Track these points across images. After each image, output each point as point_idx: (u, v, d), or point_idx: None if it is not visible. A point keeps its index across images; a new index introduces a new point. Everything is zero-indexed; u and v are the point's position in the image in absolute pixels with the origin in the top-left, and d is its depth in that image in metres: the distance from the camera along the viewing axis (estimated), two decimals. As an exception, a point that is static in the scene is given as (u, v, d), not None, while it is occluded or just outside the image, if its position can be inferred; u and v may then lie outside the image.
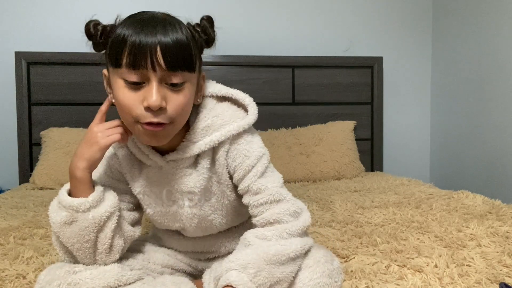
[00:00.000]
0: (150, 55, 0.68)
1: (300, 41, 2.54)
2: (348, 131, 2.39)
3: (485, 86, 2.21)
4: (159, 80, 0.70)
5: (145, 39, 0.68)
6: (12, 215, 1.46)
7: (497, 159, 2.13)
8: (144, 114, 0.70)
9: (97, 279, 0.73)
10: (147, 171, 0.83)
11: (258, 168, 0.80)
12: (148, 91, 0.70)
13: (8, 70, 2.27)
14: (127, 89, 0.71)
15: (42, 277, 0.75)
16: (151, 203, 0.86)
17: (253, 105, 0.83)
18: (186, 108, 0.74)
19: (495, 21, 2.13)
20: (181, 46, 0.70)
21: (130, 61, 0.68)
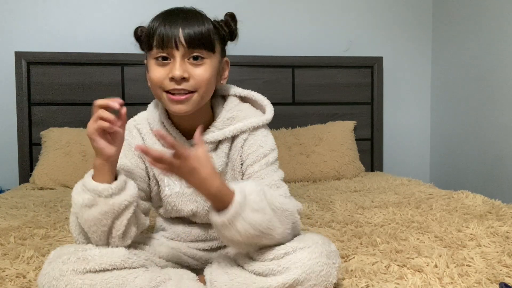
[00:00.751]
0: (173, 36, 0.83)
1: (300, 41, 2.54)
2: (348, 131, 2.39)
3: (485, 86, 2.21)
4: (181, 56, 0.84)
5: (170, 23, 0.84)
6: (12, 215, 1.46)
7: (497, 159, 2.13)
8: (169, 84, 0.84)
9: (105, 257, 0.77)
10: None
11: (269, 159, 0.92)
12: (172, 65, 0.84)
13: (8, 70, 2.27)
14: (157, 65, 0.85)
15: (52, 254, 0.79)
16: (170, 184, 0.93)
17: (270, 106, 0.97)
18: (207, 80, 0.86)
19: (495, 21, 2.13)
20: (200, 28, 0.85)
21: (158, 42, 0.84)
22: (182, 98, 0.84)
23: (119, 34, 2.39)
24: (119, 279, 0.76)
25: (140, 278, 0.78)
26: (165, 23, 0.85)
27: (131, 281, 0.77)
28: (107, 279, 0.75)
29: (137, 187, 0.87)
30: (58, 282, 0.74)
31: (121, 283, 0.76)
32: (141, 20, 2.72)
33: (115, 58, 2.30)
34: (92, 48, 2.34)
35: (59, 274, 0.75)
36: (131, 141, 0.94)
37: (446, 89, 2.56)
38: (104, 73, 2.30)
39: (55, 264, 0.76)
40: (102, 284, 0.75)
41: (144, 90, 2.33)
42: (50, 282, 0.75)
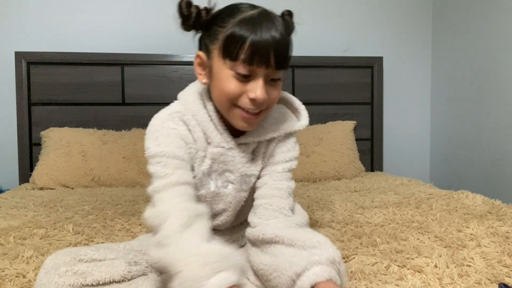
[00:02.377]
0: (265, 56, 0.77)
1: (300, 41, 2.53)
2: (348, 131, 2.39)
3: (485, 86, 2.21)
4: (264, 76, 0.80)
5: (263, 40, 0.77)
6: (12, 215, 1.46)
7: (497, 159, 2.13)
8: (247, 102, 0.80)
9: (103, 272, 0.75)
10: (214, 150, 0.87)
11: (291, 165, 0.95)
12: (254, 85, 0.79)
13: (8, 70, 2.27)
14: (236, 80, 0.79)
15: (48, 262, 0.76)
16: (205, 184, 0.89)
17: (305, 111, 0.96)
18: (276, 100, 0.86)
19: (495, 22, 2.13)
20: (286, 48, 0.81)
21: (247, 58, 0.77)
22: (255, 119, 0.83)
23: (119, 34, 2.39)
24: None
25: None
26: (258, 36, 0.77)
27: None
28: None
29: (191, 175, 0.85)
30: None
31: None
32: (141, 20, 2.71)
33: (115, 58, 2.30)
34: (92, 48, 2.35)
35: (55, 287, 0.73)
36: (180, 130, 0.85)
37: (446, 89, 2.56)
38: (104, 73, 2.30)
39: (50, 277, 0.74)
40: None
41: (144, 90, 2.34)
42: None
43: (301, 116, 0.95)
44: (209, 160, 0.87)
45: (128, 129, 2.28)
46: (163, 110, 0.91)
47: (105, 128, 2.27)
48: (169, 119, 0.86)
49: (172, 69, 2.34)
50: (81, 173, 2.04)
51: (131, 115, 2.32)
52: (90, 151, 2.09)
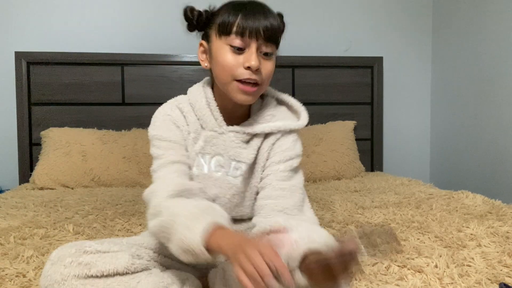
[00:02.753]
0: (255, 28, 0.86)
1: (300, 41, 2.54)
2: (348, 131, 2.39)
3: (485, 86, 2.21)
4: (256, 48, 0.87)
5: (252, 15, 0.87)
6: (12, 215, 1.46)
7: (497, 159, 2.13)
8: (244, 73, 0.87)
9: (108, 263, 0.78)
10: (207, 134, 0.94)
11: (293, 163, 0.97)
12: (248, 55, 0.87)
13: (8, 70, 2.27)
14: (231, 53, 0.87)
15: (54, 254, 0.79)
16: (199, 165, 0.94)
17: (305, 112, 0.99)
18: (271, 74, 0.91)
19: (495, 21, 2.13)
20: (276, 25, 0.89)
21: (239, 30, 0.86)
22: (253, 90, 0.88)
23: (119, 34, 2.39)
24: (122, 284, 0.77)
25: (143, 283, 0.78)
26: (247, 13, 0.87)
27: (133, 286, 0.77)
28: (109, 284, 0.76)
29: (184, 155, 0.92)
30: (60, 286, 0.75)
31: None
32: (141, 20, 2.71)
33: (115, 58, 2.30)
34: (92, 48, 2.34)
35: (61, 278, 0.75)
36: (175, 118, 0.95)
37: (446, 89, 2.56)
38: (104, 73, 2.30)
39: (56, 268, 0.76)
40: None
41: (144, 90, 2.34)
42: (52, 285, 0.76)
43: (301, 116, 0.98)
44: (202, 142, 0.94)
45: (128, 129, 2.28)
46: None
47: (105, 128, 2.27)
48: (167, 107, 0.97)
49: (172, 69, 2.34)
50: (81, 173, 2.04)
51: (131, 115, 2.32)
52: (90, 151, 2.09)
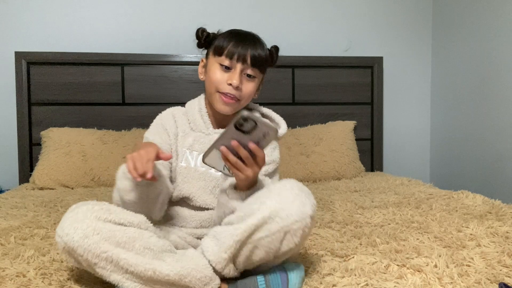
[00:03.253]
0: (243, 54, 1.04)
1: (300, 41, 2.54)
2: (348, 131, 2.39)
3: (485, 86, 2.21)
4: (241, 70, 1.05)
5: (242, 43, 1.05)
6: (12, 215, 1.46)
7: (497, 159, 2.13)
8: (226, 87, 1.04)
9: (125, 214, 0.86)
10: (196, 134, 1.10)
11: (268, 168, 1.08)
12: (233, 75, 1.04)
13: (8, 70, 2.27)
14: (220, 70, 1.05)
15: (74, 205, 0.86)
16: (187, 159, 1.08)
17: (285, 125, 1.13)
18: (251, 94, 1.08)
19: (495, 22, 2.14)
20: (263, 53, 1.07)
21: (229, 53, 1.04)
22: (231, 102, 1.05)
23: (119, 34, 2.39)
24: (136, 233, 0.83)
25: (154, 239, 0.85)
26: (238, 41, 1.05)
27: (146, 238, 0.84)
28: (126, 229, 0.83)
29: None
30: (80, 224, 0.80)
31: (137, 237, 0.82)
32: (141, 20, 2.72)
33: (115, 58, 2.30)
34: (92, 48, 2.35)
35: (83, 216, 0.81)
36: (165, 122, 1.12)
37: (446, 89, 2.56)
38: (104, 73, 2.30)
39: (78, 210, 0.83)
40: (121, 231, 0.82)
41: (144, 90, 2.34)
42: (72, 224, 0.80)
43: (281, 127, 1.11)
44: (191, 140, 1.09)
45: (128, 129, 2.28)
46: None
47: (105, 128, 2.27)
48: (164, 113, 1.15)
49: (172, 69, 2.34)
50: (81, 173, 2.04)
51: (131, 115, 2.32)
52: (90, 151, 2.09)
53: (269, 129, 0.85)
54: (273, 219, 0.82)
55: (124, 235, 0.81)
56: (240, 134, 0.85)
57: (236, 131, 0.85)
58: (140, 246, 0.82)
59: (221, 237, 0.86)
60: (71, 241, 0.79)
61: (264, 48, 1.09)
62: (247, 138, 0.86)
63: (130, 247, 0.81)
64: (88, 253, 0.79)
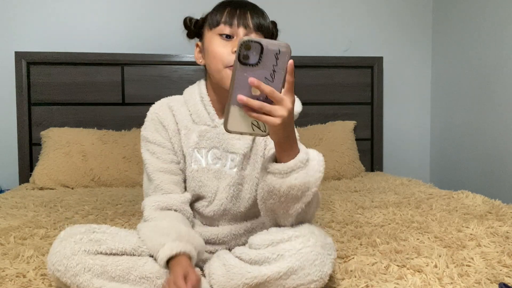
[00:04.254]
0: (242, 16, 0.92)
1: (300, 41, 2.54)
2: (348, 131, 2.39)
3: (485, 86, 2.21)
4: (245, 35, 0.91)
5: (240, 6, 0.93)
6: (12, 215, 1.46)
7: (497, 159, 2.13)
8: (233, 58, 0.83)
9: (117, 242, 0.82)
10: (201, 128, 0.97)
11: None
12: (236, 41, 0.90)
13: (8, 70, 2.27)
14: (220, 41, 0.92)
15: (63, 233, 0.82)
16: (197, 160, 0.97)
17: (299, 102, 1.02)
18: None
19: (495, 21, 2.13)
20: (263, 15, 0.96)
21: (227, 19, 0.92)
22: None
23: (119, 34, 2.39)
24: (130, 262, 0.80)
25: (149, 265, 0.82)
26: (235, 5, 0.93)
27: (140, 265, 0.81)
28: (117, 261, 0.79)
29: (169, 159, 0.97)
30: (69, 261, 0.77)
31: (131, 267, 0.79)
32: (141, 20, 2.72)
33: (115, 58, 2.30)
34: (92, 48, 2.34)
35: (71, 253, 0.77)
36: (162, 116, 0.99)
37: (446, 89, 2.56)
38: (104, 73, 2.30)
39: (66, 243, 0.79)
40: (113, 265, 0.78)
41: (144, 90, 2.34)
42: (61, 260, 0.77)
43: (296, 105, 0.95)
44: (196, 137, 0.97)
45: (128, 129, 2.28)
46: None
47: (105, 128, 2.27)
48: (157, 105, 1.01)
49: (172, 69, 2.34)
50: (81, 173, 2.04)
51: (131, 115, 2.32)
52: (90, 151, 2.09)
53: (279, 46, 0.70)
54: (289, 276, 0.76)
55: (117, 269, 0.78)
56: (249, 69, 0.69)
57: (244, 67, 0.68)
58: (135, 276, 0.79)
59: (231, 270, 0.80)
60: (63, 277, 0.77)
61: (265, 15, 0.97)
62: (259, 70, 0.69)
63: (125, 279, 0.78)
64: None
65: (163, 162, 0.97)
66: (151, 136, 0.98)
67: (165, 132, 0.98)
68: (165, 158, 0.97)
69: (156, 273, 0.81)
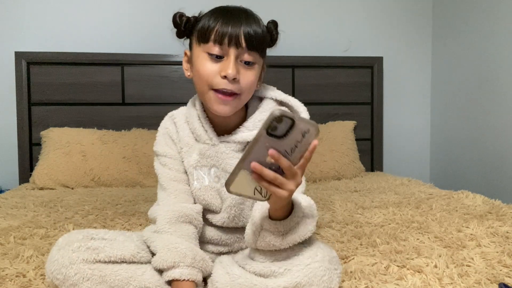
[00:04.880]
0: (235, 35, 0.83)
1: (300, 41, 2.54)
2: (348, 131, 2.39)
3: (485, 86, 2.21)
4: (236, 56, 0.84)
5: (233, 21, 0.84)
6: (12, 215, 1.46)
7: (497, 159, 2.13)
8: (220, 82, 0.84)
9: (115, 249, 0.80)
10: (200, 146, 0.94)
11: None
12: (226, 64, 0.84)
13: (8, 70, 2.27)
14: (209, 61, 0.85)
15: (61, 240, 0.81)
16: (199, 178, 0.94)
17: (306, 112, 0.96)
18: (252, 85, 0.88)
19: (495, 21, 2.13)
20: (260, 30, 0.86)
21: (218, 38, 0.83)
22: (229, 99, 0.85)
23: (119, 34, 2.39)
24: (128, 272, 0.79)
25: (148, 274, 0.81)
26: (227, 19, 0.84)
27: (139, 275, 0.80)
28: (116, 271, 0.78)
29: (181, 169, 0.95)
30: (68, 270, 0.76)
31: (130, 276, 0.79)
32: (141, 20, 2.72)
33: (115, 58, 2.30)
34: (92, 48, 2.34)
35: (69, 262, 0.77)
36: (170, 131, 0.98)
37: (446, 89, 2.56)
38: (104, 73, 2.30)
39: (64, 252, 0.78)
40: (112, 275, 0.77)
41: (144, 90, 2.34)
42: (59, 269, 0.76)
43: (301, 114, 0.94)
44: (196, 156, 0.93)
45: (128, 129, 2.28)
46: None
47: (105, 128, 2.27)
48: (167, 120, 1.00)
49: (172, 69, 2.34)
50: (81, 173, 2.04)
51: (131, 115, 2.32)
52: (90, 151, 2.09)
53: (309, 125, 0.65)
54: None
55: (116, 278, 0.77)
56: (274, 140, 0.65)
57: (268, 138, 0.64)
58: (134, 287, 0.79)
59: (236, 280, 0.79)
60: (62, 286, 0.77)
61: (260, 24, 0.88)
62: (283, 142, 0.66)
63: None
64: None
65: (176, 172, 0.95)
66: (161, 149, 0.97)
67: (174, 146, 0.97)
68: (177, 168, 0.95)
69: (156, 282, 0.81)
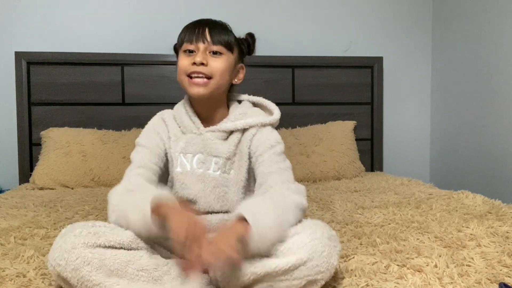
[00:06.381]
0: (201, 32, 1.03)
1: (300, 41, 2.54)
2: (348, 131, 2.39)
3: (485, 86, 2.21)
4: (204, 49, 1.03)
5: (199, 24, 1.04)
6: (12, 215, 1.46)
7: (497, 159, 2.13)
8: (192, 68, 1.01)
9: (115, 235, 0.84)
10: (187, 136, 1.07)
11: (276, 149, 1.05)
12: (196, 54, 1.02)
13: (8, 70, 2.27)
14: (185, 56, 1.04)
15: (64, 230, 0.85)
16: (183, 164, 1.06)
17: (277, 110, 1.13)
18: (221, 70, 1.03)
19: (495, 21, 2.14)
20: (223, 30, 1.05)
21: (189, 37, 1.03)
22: (201, 82, 1.02)
23: (119, 34, 2.39)
24: (127, 256, 0.82)
25: (145, 258, 0.84)
26: (196, 24, 1.05)
27: (137, 259, 0.83)
28: (115, 255, 0.81)
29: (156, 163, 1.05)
30: (69, 255, 0.78)
31: (129, 260, 0.81)
32: (141, 20, 2.73)
33: (115, 58, 2.30)
34: (92, 48, 2.34)
35: (71, 247, 0.79)
36: (157, 127, 1.10)
37: (446, 89, 2.56)
38: (104, 73, 2.30)
39: (67, 238, 0.81)
40: (111, 259, 0.80)
41: (144, 90, 2.34)
42: (62, 255, 0.79)
43: (274, 113, 1.11)
44: (182, 143, 1.06)
45: (128, 129, 2.28)
46: None
47: (105, 128, 2.27)
48: (155, 118, 1.14)
49: (172, 69, 2.34)
50: (81, 173, 2.04)
51: (131, 115, 2.32)
52: (90, 151, 2.09)
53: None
54: (298, 267, 0.79)
55: (115, 262, 0.80)
56: None
57: None
58: (133, 269, 0.81)
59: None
60: (64, 272, 0.78)
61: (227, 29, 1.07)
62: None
63: (123, 273, 0.80)
64: (82, 284, 0.78)
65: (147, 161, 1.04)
66: (142, 141, 1.08)
67: (159, 140, 1.08)
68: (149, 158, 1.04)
69: (153, 265, 0.83)
